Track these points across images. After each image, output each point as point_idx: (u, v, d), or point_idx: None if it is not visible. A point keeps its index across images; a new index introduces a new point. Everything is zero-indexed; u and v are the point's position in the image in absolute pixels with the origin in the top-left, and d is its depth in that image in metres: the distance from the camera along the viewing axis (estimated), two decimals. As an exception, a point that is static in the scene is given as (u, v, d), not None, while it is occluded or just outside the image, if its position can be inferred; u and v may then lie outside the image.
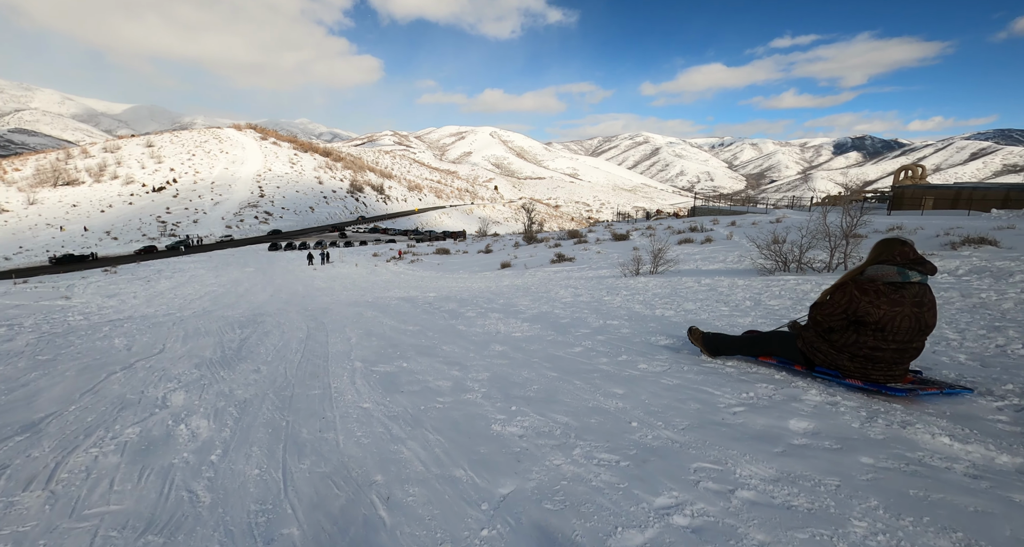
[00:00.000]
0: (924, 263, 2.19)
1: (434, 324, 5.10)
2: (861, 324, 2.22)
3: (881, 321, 2.15)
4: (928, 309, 2.18)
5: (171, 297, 15.53)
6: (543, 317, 5.15)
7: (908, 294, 2.15)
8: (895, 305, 2.14)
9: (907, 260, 2.18)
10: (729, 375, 2.66)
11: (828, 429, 1.88)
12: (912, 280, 2.16)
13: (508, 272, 16.63)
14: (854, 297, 2.22)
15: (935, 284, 5.11)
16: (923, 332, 2.19)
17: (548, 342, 3.87)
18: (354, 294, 12.95)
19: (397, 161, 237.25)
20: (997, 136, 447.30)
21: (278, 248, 51.39)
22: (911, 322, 2.14)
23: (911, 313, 2.14)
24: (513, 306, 6.23)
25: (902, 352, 2.21)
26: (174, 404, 2.61)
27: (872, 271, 2.24)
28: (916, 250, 2.21)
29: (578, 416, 2.16)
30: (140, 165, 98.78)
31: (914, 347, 2.22)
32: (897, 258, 2.19)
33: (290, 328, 5.18)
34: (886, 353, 2.20)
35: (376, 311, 6.46)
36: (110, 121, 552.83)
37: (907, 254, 2.18)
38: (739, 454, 1.69)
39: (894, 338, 2.16)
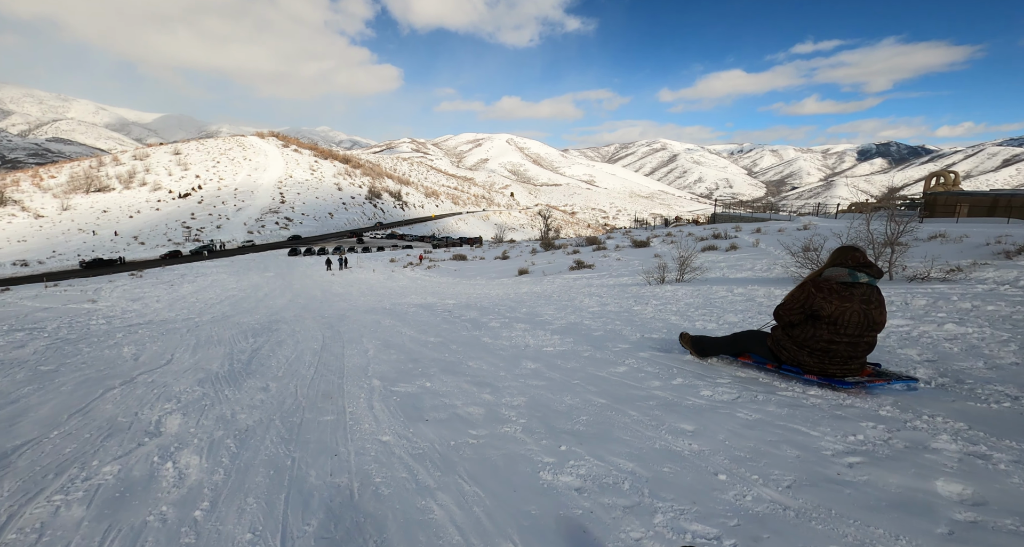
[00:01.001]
0: (871, 266, 2.53)
1: (457, 335, 4.78)
2: (816, 318, 2.52)
3: (833, 315, 2.45)
4: (875, 307, 2.46)
5: (192, 301, 15.54)
6: (573, 329, 4.78)
7: (857, 293, 2.45)
8: (845, 301, 2.43)
9: (857, 264, 2.50)
10: (817, 407, 2.21)
11: (997, 498, 1.40)
12: (860, 281, 2.47)
13: (526, 279, 16.25)
14: (811, 293, 2.54)
15: (999, 295, 4.65)
16: (871, 327, 2.46)
17: (585, 359, 3.50)
18: (371, 300, 12.73)
19: (414, 168, 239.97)
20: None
21: (298, 253, 51.95)
22: (859, 317, 2.42)
23: (859, 309, 2.43)
24: (538, 315, 5.86)
25: (854, 346, 2.49)
26: (167, 431, 2.31)
27: (828, 273, 2.58)
28: (866, 256, 2.54)
29: (646, 462, 1.74)
30: (167, 172, 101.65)
31: (865, 341, 2.50)
32: (849, 262, 2.52)
33: (305, 337, 4.92)
34: (840, 346, 2.48)
35: (394, 319, 6.15)
36: (140, 130, 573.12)
37: (858, 259, 2.51)
38: (888, 534, 1.24)
39: (845, 332, 2.44)
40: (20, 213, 74.52)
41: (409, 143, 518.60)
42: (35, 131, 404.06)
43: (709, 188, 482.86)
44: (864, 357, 2.54)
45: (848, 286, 2.48)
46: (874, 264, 2.56)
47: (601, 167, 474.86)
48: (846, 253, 2.57)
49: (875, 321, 2.46)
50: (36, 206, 77.91)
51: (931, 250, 9.15)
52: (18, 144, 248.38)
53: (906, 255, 7.54)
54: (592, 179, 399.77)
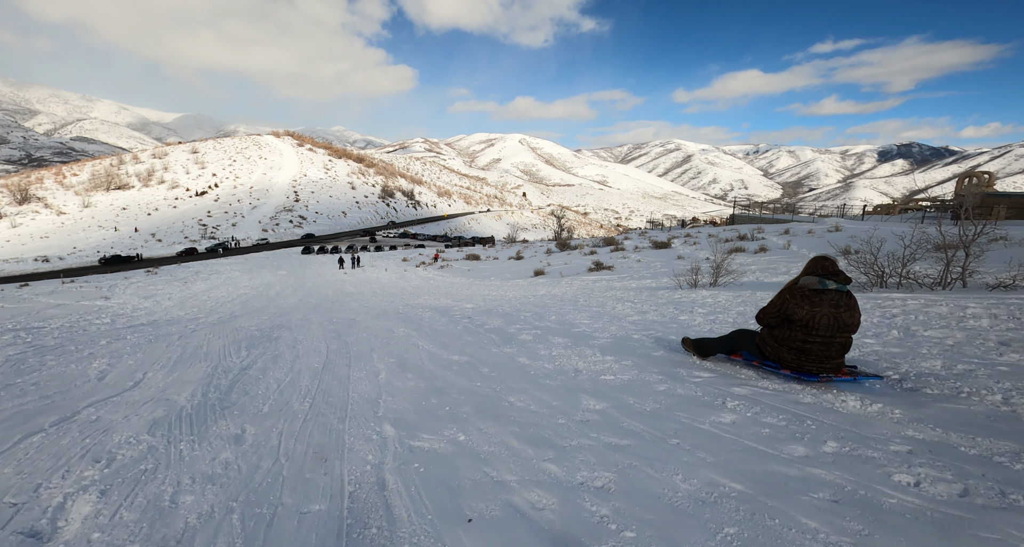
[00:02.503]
0: (839, 274, 2.78)
1: (485, 353, 4.16)
2: (791, 321, 2.80)
3: (804, 318, 2.72)
4: (845, 310, 2.71)
5: (204, 300, 15.45)
6: (624, 346, 4.14)
7: (826, 298, 2.72)
8: (815, 306, 2.70)
9: (827, 272, 2.78)
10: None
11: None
12: (829, 287, 2.73)
13: (543, 280, 15.79)
14: (786, 299, 2.82)
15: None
16: (842, 329, 2.71)
17: (665, 396, 2.77)
18: (383, 301, 12.42)
19: (427, 167, 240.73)
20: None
21: (311, 252, 52.08)
22: (829, 320, 2.68)
23: (829, 313, 2.68)
24: (573, 326, 5.28)
25: (828, 345, 2.73)
26: (61, 536, 1.59)
27: (803, 281, 2.83)
28: (836, 265, 2.79)
29: None
30: (185, 170, 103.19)
31: (838, 342, 2.73)
32: (819, 271, 2.80)
33: (306, 350, 4.38)
34: (814, 346, 2.73)
35: (409, 327, 5.62)
36: (160, 129, 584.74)
37: (827, 268, 2.79)
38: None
39: (817, 333, 2.70)
40: (43, 210, 76.21)
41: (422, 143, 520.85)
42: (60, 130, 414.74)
43: (724, 189, 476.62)
44: (840, 357, 2.80)
45: (818, 292, 2.77)
46: (842, 272, 2.82)
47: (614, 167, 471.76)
48: (818, 263, 2.87)
49: (846, 323, 2.73)
50: (59, 203, 79.63)
51: (998, 255, 8.49)
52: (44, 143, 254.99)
53: (981, 260, 6.95)
54: (605, 179, 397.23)
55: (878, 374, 2.84)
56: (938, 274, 6.47)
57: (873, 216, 33.58)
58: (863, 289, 6.59)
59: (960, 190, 39.14)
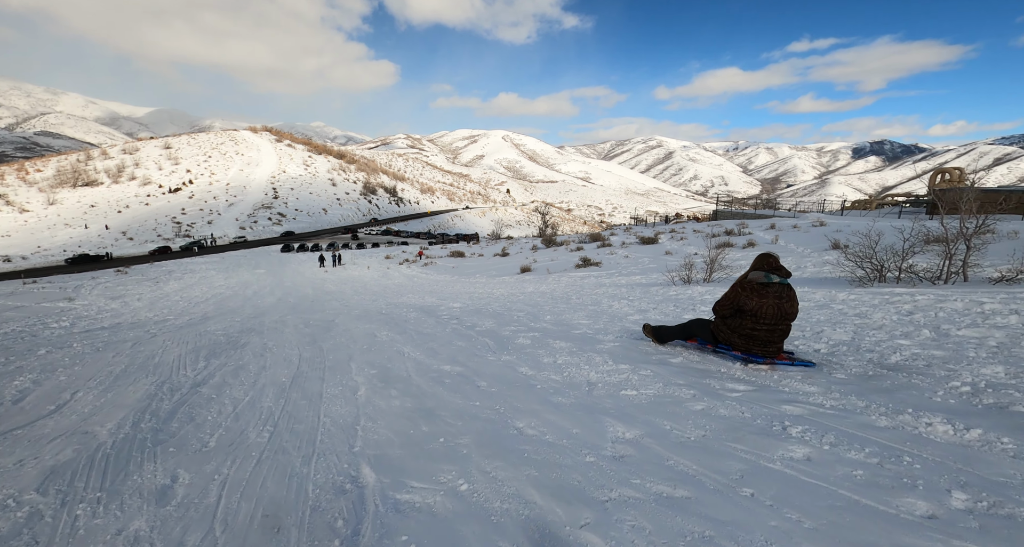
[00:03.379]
0: (781, 269, 3.10)
1: (481, 362, 3.69)
2: (742, 311, 3.15)
3: (753, 309, 3.07)
4: (787, 301, 3.06)
5: (176, 300, 14.76)
6: (635, 351, 3.80)
7: (771, 291, 3.06)
8: (762, 298, 3.06)
9: (771, 268, 3.10)
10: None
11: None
12: (773, 281, 3.07)
13: (530, 277, 15.49)
14: (738, 292, 3.16)
15: None
16: (785, 318, 3.07)
17: (704, 416, 2.33)
18: (365, 299, 11.96)
19: (410, 164, 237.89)
20: (1022, 141, 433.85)
21: (291, 250, 50.86)
22: (774, 310, 3.04)
23: (773, 304, 3.04)
24: (571, 326, 4.90)
25: (772, 332, 3.08)
26: None
27: (751, 276, 3.15)
28: (779, 261, 3.13)
29: None
30: (157, 166, 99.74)
31: (780, 329, 3.09)
32: (765, 266, 3.12)
33: (275, 359, 3.87)
34: (760, 333, 3.09)
35: (392, 330, 5.14)
36: (131, 124, 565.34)
37: (771, 263, 3.11)
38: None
39: (764, 322, 3.06)
40: (5, 208, 72.72)
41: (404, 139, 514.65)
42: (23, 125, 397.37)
43: (704, 185, 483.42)
44: (781, 342, 3.15)
45: (764, 285, 3.09)
46: (783, 267, 3.13)
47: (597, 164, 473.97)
48: (763, 259, 3.15)
49: (787, 312, 3.07)
50: (21, 200, 76.07)
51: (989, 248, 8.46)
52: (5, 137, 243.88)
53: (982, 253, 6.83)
54: (588, 176, 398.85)
55: (810, 361, 3.13)
56: (937, 268, 6.35)
57: (851, 212, 34.16)
58: (863, 284, 6.43)
59: (933, 186, 40.13)
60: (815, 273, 8.59)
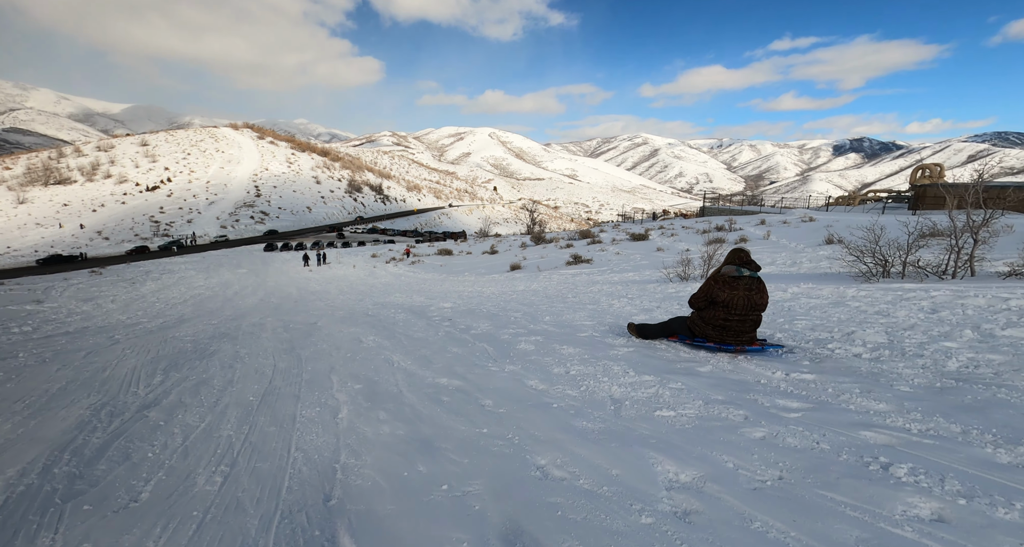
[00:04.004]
0: (751, 264, 3.37)
1: (482, 373, 3.26)
2: (715, 303, 3.38)
3: (725, 300, 3.30)
4: (756, 293, 3.31)
5: (152, 301, 14.12)
6: (656, 357, 3.44)
7: (741, 284, 3.31)
8: (733, 290, 3.29)
9: (741, 262, 3.37)
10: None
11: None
12: (743, 274, 3.33)
13: (520, 275, 15.13)
14: (712, 286, 3.39)
15: None
16: (755, 308, 3.32)
17: (788, 455, 1.85)
18: (351, 299, 11.48)
19: (396, 161, 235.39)
20: (994, 138, 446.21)
21: (274, 249, 49.79)
22: (744, 301, 3.28)
23: (743, 295, 3.28)
24: (574, 328, 4.56)
25: (743, 322, 3.33)
26: None
27: (724, 270, 3.42)
28: (749, 256, 3.40)
29: None
30: (134, 164, 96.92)
31: (751, 319, 3.34)
32: (736, 261, 3.39)
33: (245, 372, 3.44)
34: (732, 323, 3.32)
35: (380, 334, 4.74)
36: (106, 121, 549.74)
37: (742, 258, 3.38)
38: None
39: (735, 312, 3.29)
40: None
41: (390, 136, 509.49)
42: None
43: (690, 182, 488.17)
44: (753, 331, 3.35)
45: (735, 279, 3.29)
46: (753, 261, 3.36)
47: (583, 161, 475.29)
48: (735, 254, 3.38)
49: (756, 303, 3.28)
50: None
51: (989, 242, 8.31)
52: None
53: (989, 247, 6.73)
54: (574, 173, 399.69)
55: (780, 344, 3.40)
56: (941, 262, 6.13)
57: (836, 207, 34.48)
58: (868, 279, 6.18)
59: (914, 182, 40.78)
60: (812, 268, 8.36)
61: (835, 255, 9.44)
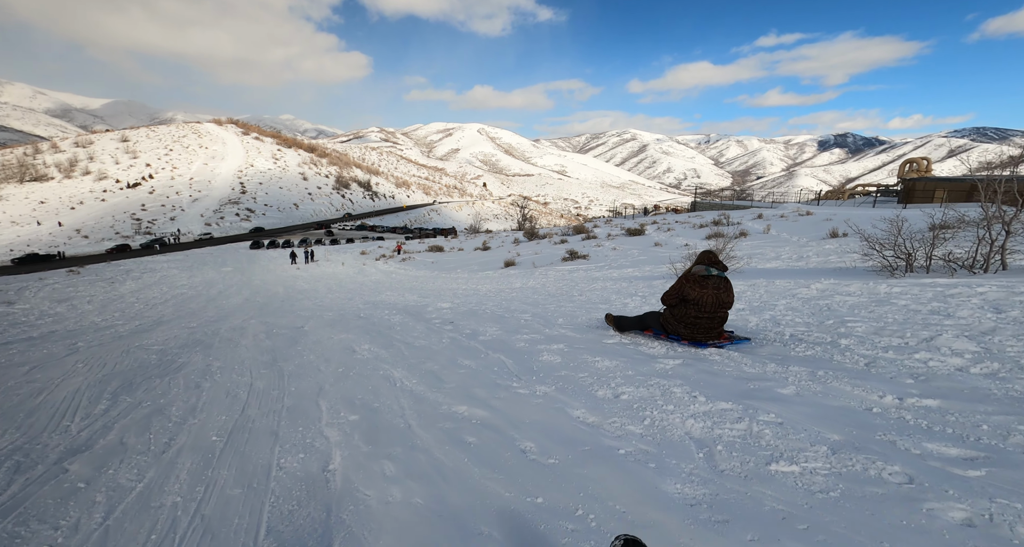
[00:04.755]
0: (719, 264, 3.53)
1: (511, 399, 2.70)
2: (686, 301, 3.52)
3: (695, 298, 3.45)
4: (724, 291, 3.46)
5: (131, 302, 13.61)
6: (714, 373, 2.94)
7: (710, 283, 3.46)
8: (702, 289, 3.44)
9: (710, 262, 3.54)
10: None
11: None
12: (712, 274, 3.49)
13: (515, 271, 14.82)
14: (683, 284, 3.54)
15: None
16: (722, 306, 3.47)
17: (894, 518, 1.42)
18: (340, 298, 11.10)
19: (384, 158, 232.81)
20: (973, 134, 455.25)
21: (260, 246, 48.86)
22: (712, 299, 3.43)
23: (712, 294, 3.43)
24: (598, 333, 4.30)
25: (712, 319, 3.48)
26: None
27: (694, 269, 3.58)
28: (717, 257, 3.57)
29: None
30: (114, 160, 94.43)
31: (719, 316, 3.50)
32: (705, 261, 3.56)
33: (214, 395, 2.97)
34: (702, 320, 3.48)
35: (375, 342, 4.35)
36: (85, 117, 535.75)
37: (711, 258, 3.55)
38: None
39: (704, 310, 3.44)
40: (-57, 205, 67.54)
41: (378, 132, 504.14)
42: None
43: (678, 178, 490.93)
44: (721, 326, 3.52)
45: (705, 278, 3.46)
46: (721, 262, 3.53)
47: (572, 157, 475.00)
48: (705, 255, 3.56)
49: (724, 301, 3.44)
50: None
51: None
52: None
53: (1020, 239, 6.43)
54: (564, 169, 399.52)
55: (748, 337, 3.57)
56: (969, 255, 5.92)
57: (827, 201, 34.68)
58: (892, 274, 5.95)
59: (902, 176, 41.23)
60: (822, 263, 8.15)
61: (842, 249, 9.26)
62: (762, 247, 11.08)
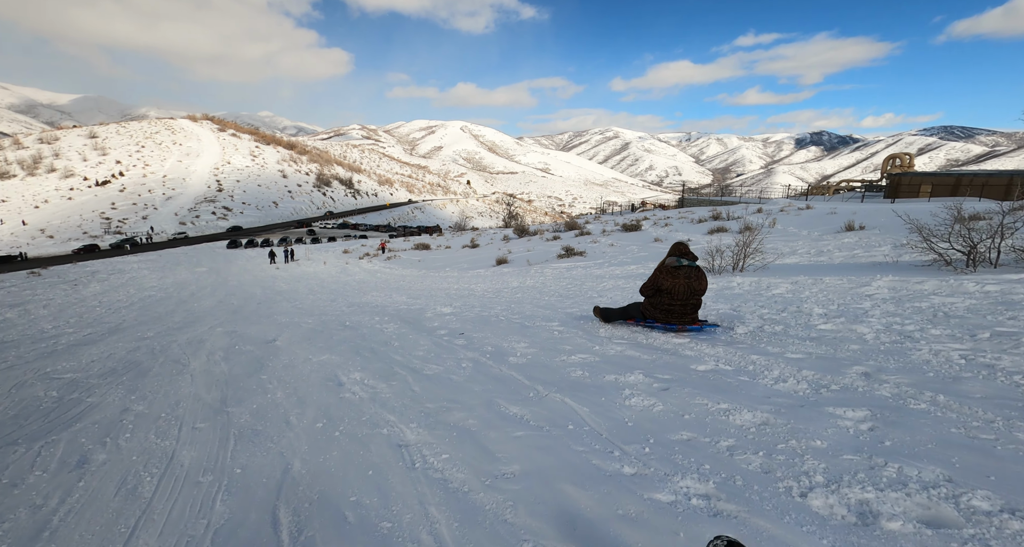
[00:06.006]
0: (689, 255, 3.85)
1: (647, 511, 1.50)
2: (660, 290, 3.86)
3: (669, 287, 3.78)
4: (695, 280, 3.78)
5: (92, 306, 12.51)
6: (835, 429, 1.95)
7: (681, 273, 3.77)
8: (675, 278, 3.76)
9: (681, 254, 3.85)
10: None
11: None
12: (683, 265, 3.80)
13: (508, 269, 14.07)
14: (659, 275, 3.86)
15: None
16: (694, 294, 3.78)
17: None
18: (322, 300, 10.23)
19: (366, 155, 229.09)
20: (941, 132, 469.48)
21: (238, 246, 47.14)
22: (684, 288, 3.75)
23: (683, 283, 3.75)
24: (676, 354, 3.22)
25: (685, 305, 3.80)
26: None
27: (667, 261, 3.88)
28: (688, 249, 3.88)
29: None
30: (81, 157, 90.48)
31: (691, 303, 3.80)
32: (677, 253, 3.88)
33: (99, 490, 1.85)
34: (675, 307, 3.80)
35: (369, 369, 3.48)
36: (52, 113, 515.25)
37: (682, 250, 3.87)
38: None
39: (677, 297, 3.77)
40: None
41: (359, 129, 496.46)
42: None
43: (660, 175, 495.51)
44: (694, 313, 3.88)
45: (676, 268, 3.83)
46: (692, 253, 3.89)
47: (556, 155, 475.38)
48: (676, 247, 3.95)
49: (695, 289, 3.80)
50: (-85, 196, 66.88)
51: None
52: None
53: None
54: (547, 167, 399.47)
55: (717, 323, 3.86)
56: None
57: (814, 197, 34.77)
58: (956, 270, 5.29)
59: (886, 171, 41.68)
60: (849, 257, 7.53)
61: (865, 242, 8.71)
62: (773, 241, 10.53)
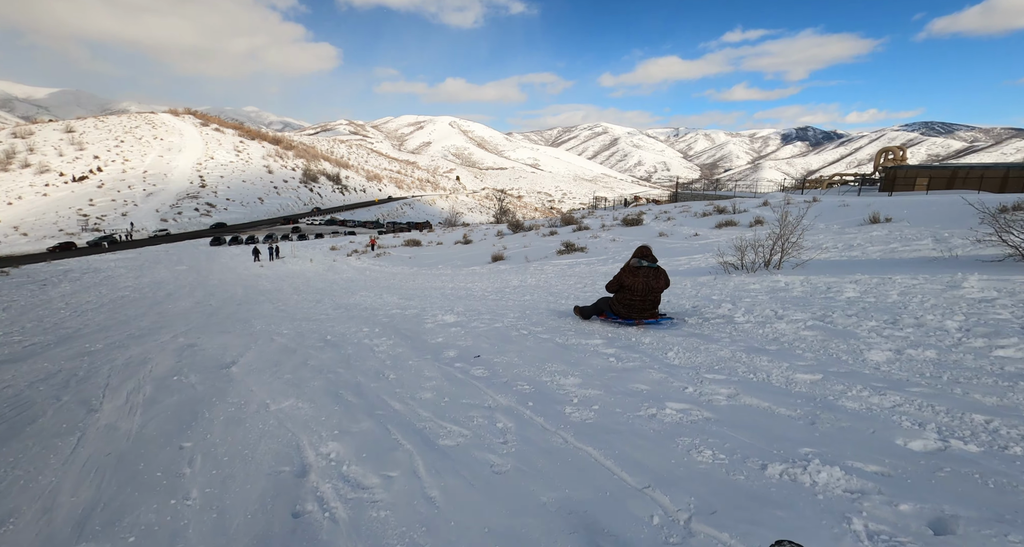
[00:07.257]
0: (649, 257, 4.34)
1: None
2: (623, 287, 4.30)
3: (630, 285, 4.22)
4: (654, 279, 4.24)
5: (57, 308, 11.58)
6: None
7: (641, 272, 4.24)
8: (636, 277, 4.23)
9: (643, 256, 4.34)
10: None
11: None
12: (643, 265, 4.28)
13: (505, 266, 13.37)
14: (623, 274, 4.32)
15: None
16: (652, 291, 4.24)
17: None
18: (307, 301, 9.47)
19: (354, 151, 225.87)
20: (922, 128, 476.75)
21: (221, 243, 45.76)
22: (643, 286, 4.20)
23: (643, 282, 4.20)
24: (828, 402, 2.97)
25: (644, 301, 4.25)
26: None
27: (631, 262, 4.36)
28: (650, 251, 4.39)
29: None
30: (57, 152, 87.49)
31: (650, 299, 4.27)
32: (639, 255, 4.36)
33: None
34: (635, 303, 4.25)
35: (348, 430, 2.53)
36: (28, 107, 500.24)
37: (644, 253, 4.36)
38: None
39: (636, 295, 4.21)
40: None
41: (347, 125, 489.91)
42: None
43: (648, 171, 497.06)
44: (654, 308, 4.32)
45: (637, 269, 4.28)
46: (652, 256, 4.37)
47: (545, 151, 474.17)
48: (640, 250, 4.39)
49: (653, 287, 4.23)
50: None
51: None
52: None
53: None
54: (537, 163, 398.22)
55: (671, 316, 4.40)
56: None
57: (811, 190, 34.59)
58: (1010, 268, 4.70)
59: (879, 164, 41.65)
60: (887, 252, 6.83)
61: (900, 235, 8.11)
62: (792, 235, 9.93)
